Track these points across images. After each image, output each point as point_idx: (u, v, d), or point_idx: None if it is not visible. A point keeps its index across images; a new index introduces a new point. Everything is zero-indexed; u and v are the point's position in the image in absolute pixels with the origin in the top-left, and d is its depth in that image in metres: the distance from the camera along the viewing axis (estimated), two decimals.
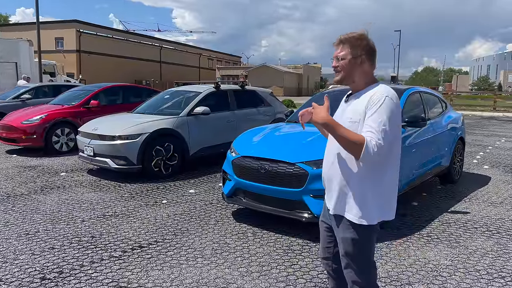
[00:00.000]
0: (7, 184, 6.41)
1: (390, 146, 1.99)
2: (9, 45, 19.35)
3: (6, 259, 3.71)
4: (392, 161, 2.10)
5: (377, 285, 2.25)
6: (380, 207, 2.10)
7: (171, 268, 3.55)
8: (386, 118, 1.96)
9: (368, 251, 2.16)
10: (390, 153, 2.05)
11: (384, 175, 2.08)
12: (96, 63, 43.82)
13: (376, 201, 2.08)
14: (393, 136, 1.99)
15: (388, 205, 2.15)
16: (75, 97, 10.01)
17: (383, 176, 2.07)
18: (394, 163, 2.12)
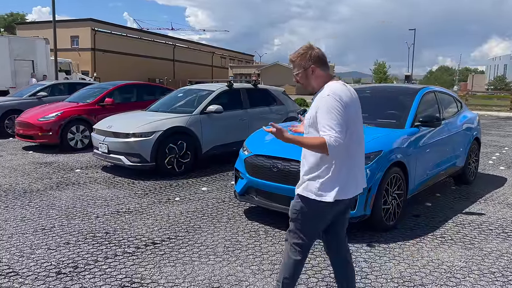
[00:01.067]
0: (23, 180, 6.54)
1: (347, 135, 2.33)
2: (26, 44, 19.67)
3: (23, 253, 3.79)
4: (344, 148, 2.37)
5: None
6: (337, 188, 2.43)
7: (183, 265, 3.58)
8: (331, 115, 2.30)
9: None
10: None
11: (331, 162, 2.41)
12: (110, 61, 44.27)
13: (324, 181, 2.42)
14: (345, 127, 2.32)
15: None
16: (90, 95, 10.14)
17: (331, 162, 2.41)
18: (346, 150, 2.39)
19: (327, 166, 2.42)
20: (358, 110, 2.53)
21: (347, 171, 2.46)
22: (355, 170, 2.52)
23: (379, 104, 5.66)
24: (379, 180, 4.14)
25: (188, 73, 53.32)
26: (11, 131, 10.99)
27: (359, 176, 2.57)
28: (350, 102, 2.41)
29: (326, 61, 2.54)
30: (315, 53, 2.50)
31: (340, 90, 2.40)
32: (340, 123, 2.30)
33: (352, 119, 2.41)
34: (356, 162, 2.53)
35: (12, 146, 9.78)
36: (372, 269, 3.53)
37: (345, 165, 2.44)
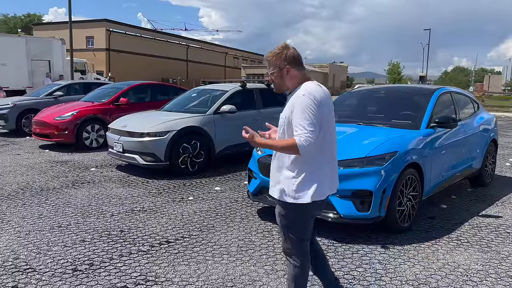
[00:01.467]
0: (40, 178, 6.64)
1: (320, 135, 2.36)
2: (43, 44, 19.99)
3: (40, 250, 3.85)
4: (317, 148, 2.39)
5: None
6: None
7: (197, 264, 3.60)
8: (305, 114, 2.32)
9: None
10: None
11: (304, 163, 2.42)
12: (124, 61, 44.69)
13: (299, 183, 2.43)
14: (318, 127, 2.34)
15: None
16: (105, 95, 10.26)
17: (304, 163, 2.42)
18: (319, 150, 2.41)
19: (301, 167, 2.43)
20: (332, 111, 2.54)
21: (322, 171, 2.48)
22: (329, 170, 2.54)
23: (394, 105, 5.61)
24: (394, 181, 4.10)
25: (201, 73, 53.53)
26: (28, 130, 11.19)
27: (334, 176, 2.60)
28: (324, 102, 2.42)
29: (301, 61, 2.56)
30: (290, 53, 2.51)
31: (315, 90, 2.42)
32: (313, 123, 2.32)
33: (326, 119, 2.43)
34: (330, 162, 2.55)
35: (29, 145, 9.96)
36: (386, 271, 3.50)
37: (319, 165, 2.46)
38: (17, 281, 3.25)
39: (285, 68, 2.49)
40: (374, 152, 4.12)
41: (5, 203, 5.28)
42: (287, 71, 2.50)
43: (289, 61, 2.50)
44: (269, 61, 2.55)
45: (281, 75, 2.52)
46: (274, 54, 2.53)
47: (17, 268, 3.48)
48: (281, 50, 2.51)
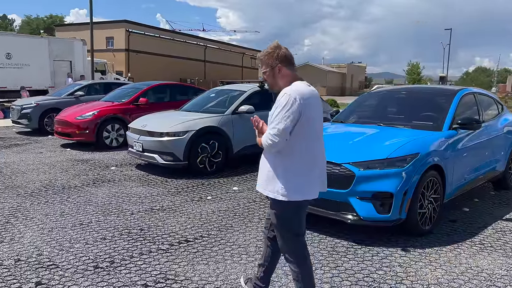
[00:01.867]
0: (62, 176, 6.78)
1: (291, 134, 2.40)
2: (65, 45, 20.40)
3: (62, 246, 3.93)
4: (296, 146, 2.46)
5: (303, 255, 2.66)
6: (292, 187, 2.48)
7: (216, 263, 3.62)
8: (282, 114, 2.38)
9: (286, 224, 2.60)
10: (295, 139, 2.44)
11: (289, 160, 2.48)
12: (143, 61, 45.21)
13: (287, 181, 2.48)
14: (290, 126, 2.38)
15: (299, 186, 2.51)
16: (124, 95, 10.40)
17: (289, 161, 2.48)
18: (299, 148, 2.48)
19: (285, 165, 2.49)
20: (319, 111, 2.59)
21: (307, 168, 2.52)
22: (316, 168, 2.58)
23: (415, 106, 5.53)
24: (415, 183, 4.04)
25: (218, 73, 53.78)
26: (50, 129, 11.42)
27: (322, 174, 2.65)
28: (309, 101, 2.46)
29: (292, 61, 2.61)
30: (282, 52, 2.57)
31: (301, 89, 2.47)
32: (288, 122, 2.38)
33: (312, 118, 2.49)
34: (316, 160, 2.59)
35: (51, 144, 10.17)
36: (407, 274, 3.44)
37: (303, 163, 2.51)
38: (41, 277, 3.32)
39: (277, 67, 2.56)
40: (395, 154, 4.06)
41: (28, 200, 5.41)
42: (278, 69, 2.56)
43: (281, 60, 2.56)
44: (262, 60, 2.62)
45: (273, 74, 2.59)
46: (267, 53, 2.59)
47: (40, 264, 3.56)
48: (273, 49, 2.58)
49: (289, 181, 2.48)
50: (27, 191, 5.84)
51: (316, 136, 2.57)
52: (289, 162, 2.49)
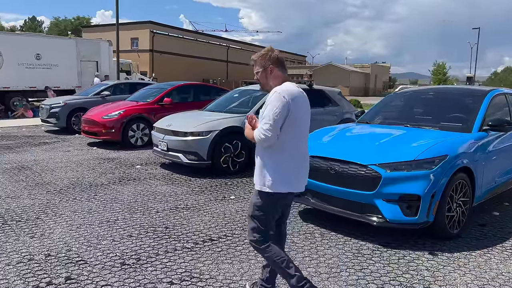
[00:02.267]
0: (89, 174, 6.93)
1: (281, 131, 2.57)
2: (91, 46, 20.83)
3: (90, 243, 4.02)
4: (286, 142, 2.63)
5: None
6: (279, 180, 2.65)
7: (240, 263, 3.63)
8: (272, 111, 2.54)
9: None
10: (284, 136, 2.60)
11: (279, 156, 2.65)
12: (167, 62, 45.83)
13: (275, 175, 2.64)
14: (279, 122, 2.55)
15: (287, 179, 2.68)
16: (149, 95, 10.56)
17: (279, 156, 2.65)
18: (288, 144, 2.65)
19: (274, 160, 2.66)
20: (306, 111, 2.75)
21: (294, 164, 2.71)
22: (303, 164, 2.78)
23: (443, 107, 5.41)
24: (443, 186, 3.95)
25: (240, 74, 53.94)
26: (77, 127, 11.70)
27: (303, 172, 2.80)
28: (296, 101, 2.63)
29: (284, 64, 2.79)
30: (275, 55, 2.74)
31: (290, 89, 2.64)
32: (278, 118, 2.54)
33: (299, 117, 2.65)
34: (302, 155, 2.76)
35: (78, 142, 10.41)
36: (435, 279, 3.37)
37: (291, 159, 2.69)
38: (70, 272, 3.40)
39: (269, 67, 2.73)
40: (423, 155, 3.98)
41: (57, 197, 5.55)
42: (270, 70, 2.73)
43: (273, 62, 2.73)
44: (255, 61, 2.78)
45: (266, 75, 2.75)
46: (260, 55, 2.77)
47: (69, 259, 3.65)
48: (267, 52, 2.76)
49: (277, 175, 2.65)
50: (56, 188, 6.00)
51: (302, 135, 2.74)
52: (279, 158, 2.66)
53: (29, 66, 18.01)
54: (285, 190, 2.69)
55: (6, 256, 3.70)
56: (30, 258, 3.65)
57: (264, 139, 2.57)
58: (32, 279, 3.28)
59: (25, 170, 7.12)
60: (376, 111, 5.78)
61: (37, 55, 18.26)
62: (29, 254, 3.75)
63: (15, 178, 6.54)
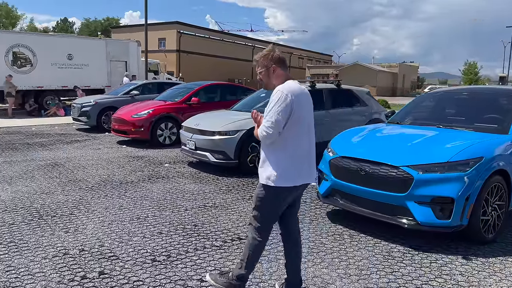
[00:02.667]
0: (119, 171, 7.09)
1: (283, 128, 2.65)
2: (121, 46, 21.28)
3: (122, 239, 4.11)
4: (289, 139, 2.71)
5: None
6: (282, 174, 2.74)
7: (269, 262, 3.63)
8: (275, 109, 2.62)
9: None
10: (287, 133, 2.69)
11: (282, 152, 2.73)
12: (193, 62, 46.34)
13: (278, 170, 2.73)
14: (283, 121, 2.64)
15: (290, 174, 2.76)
16: (177, 94, 10.71)
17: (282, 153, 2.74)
18: (291, 141, 2.73)
19: (277, 155, 2.74)
20: (308, 107, 2.84)
21: (297, 160, 2.77)
22: (304, 159, 2.83)
23: (477, 107, 5.26)
24: (478, 188, 3.84)
25: None
26: (107, 126, 11.98)
27: (311, 165, 2.89)
28: (299, 99, 2.70)
29: (286, 63, 2.87)
30: (276, 54, 2.82)
31: (292, 87, 2.71)
32: (280, 116, 2.62)
33: (302, 115, 2.73)
34: (305, 151, 2.82)
35: (108, 140, 10.66)
36: (469, 284, 3.28)
37: (294, 155, 2.75)
38: (103, 267, 3.49)
39: (271, 67, 2.80)
40: (457, 157, 3.88)
41: (89, 193, 5.70)
42: (273, 70, 2.81)
43: (275, 62, 2.81)
44: (258, 61, 2.86)
45: (268, 74, 2.83)
46: (263, 55, 2.84)
47: (102, 255, 3.74)
48: (269, 52, 2.83)
49: (280, 170, 2.73)
50: (87, 185, 6.16)
51: (305, 132, 2.80)
52: (282, 154, 2.74)
53: (61, 66, 18.57)
54: (287, 184, 2.76)
55: (43, 250, 3.83)
56: (65, 253, 3.77)
57: (266, 136, 2.66)
58: (67, 273, 3.38)
59: (58, 167, 7.34)
60: (407, 112, 5.67)
61: (69, 55, 18.79)
62: (64, 248, 3.86)
63: (49, 175, 6.75)
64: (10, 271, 3.40)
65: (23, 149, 9.13)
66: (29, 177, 6.60)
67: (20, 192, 5.73)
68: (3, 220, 4.60)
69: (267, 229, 2.92)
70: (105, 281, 3.25)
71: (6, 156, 8.34)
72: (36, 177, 6.61)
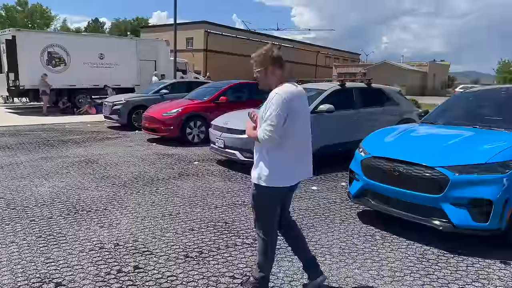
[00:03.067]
0: (150, 169, 7.22)
1: (283, 130, 2.67)
2: (150, 45, 21.66)
3: (154, 234, 4.19)
4: (284, 140, 2.71)
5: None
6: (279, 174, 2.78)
7: (300, 262, 3.61)
8: (274, 112, 2.64)
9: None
10: (284, 137, 2.70)
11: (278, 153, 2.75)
12: (219, 61, 46.63)
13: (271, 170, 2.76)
14: (282, 123, 2.65)
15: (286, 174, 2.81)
16: (206, 93, 10.81)
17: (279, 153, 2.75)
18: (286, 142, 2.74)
19: (271, 156, 2.75)
20: (304, 110, 2.86)
21: (291, 160, 2.79)
22: (299, 159, 2.85)
23: None
24: None
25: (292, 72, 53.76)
26: (137, 124, 12.21)
27: (307, 163, 2.95)
28: (296, 101, 2.73)
29: (283, 63, 2.84)
30: (275, 54, 2.81)
31: (290, 90, 2.73)
32: (279, 119, 2.64)
33: (297, 116, 2.74)
34: (300, 151, 2.85)
35: (138, 138, 10.88)
36: None
37: (290, 156, 2.78)
38: (138, 262, 3.57)
39: (269, 67, 2.79)
40: (496, 158, 3.76)
41: (122, 190, 5.84)
42: (271, 70, 2.80)
43: (272, 62, 2.79)
44: (256, 60, 2.84)
45: (265, 73, 2.82)
46: (260, 54, 2.82)
47: (136, 249, 3.82)
48: (267, 51, 2.82)
49: (273, 171, 2.75)
50: (120, 181, 6.31)
51: (301, 133, 2.83)
52: (278, 155, 2.75)
53: (93, 65, 19.05)
54: (280, 184, 2.79)
55: (79, 243, 3.95)
56: (101, 247, 3.87)
57: (268, 140, 2.67)
58: (104, 266, 3.48)
59: (92, 164, 7.55)
60: (442, 111, 5.53)
61: (100, 55, 19.27)
62: (99, 242, 3.97)
63: (83, 171, 6.96)
64: (50, 263, 3.53)
65: (58, 146, 9.44)
66: (64, 172, 6.82)
67: (56, 187, 5.92)
68: (42, 214, 4.77)
69: (270, 227, 2.93)
70: (140, 275, 3.33)
71: (42, 152, 8.64)
72: (71, 173, 6.82)
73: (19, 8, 68.97)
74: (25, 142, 9.88)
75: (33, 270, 3.40)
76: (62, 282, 3.21)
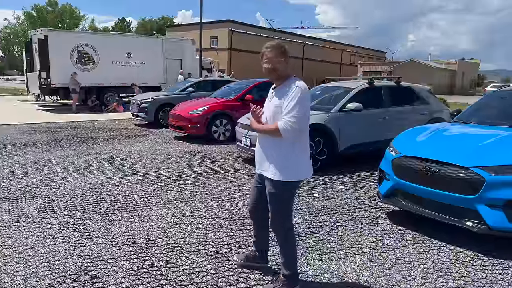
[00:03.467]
0: (178, 166, 7.32)
1: (305, 124, 2.83)
2: (176, 44, 21.94)
3: (184, 230, 4.25)
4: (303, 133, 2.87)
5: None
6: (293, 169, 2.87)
7: (330, 261, 3.61)
8: (298, 104, 2.74)
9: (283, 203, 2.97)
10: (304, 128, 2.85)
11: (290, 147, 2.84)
12: (244, 59, 46.76)
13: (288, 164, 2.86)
14: (307, 115, 2.83)
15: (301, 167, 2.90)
16: (231, 92, 10.87)
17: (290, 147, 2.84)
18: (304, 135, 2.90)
19: (290, 150, 2.84)
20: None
21: (304, 154, 2.93)
22: (308, 153, 2.98)
23: None
24: None
25: (316, 71, 53.36)
26: (164, 122, 12.39)
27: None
28: (308, 96, 2.88)
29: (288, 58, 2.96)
30: (284, 49, 2.93)
31: (305, 85, 2.86)
32: (304, 110, 2.77)
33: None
34: (307, 146, 2.98)
35: (165, 136, 11.04)
36: None
37: (304, 148, 2.92)
38: (169, 257, 3.63)
39: (283, 60, 2.91)
40: None
41: (151, 186, 5.94)
42: (284, 63, 2.92)
43: (284, 56, 2.92)
44: (266, 55, 2.92)
45: (286, 65, 2.92)
46: (280, 46, 2.94)
47: (167, 245, 3.89)
48: (282, 45, 2.96)
49: (292, 164, 2.84)
50: (149, 178, 6.42)
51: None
52: (290, 149, 2.83)
53: (120, 64, 19.46)
54: (295, 178, 2.89)
55: (112, 237, 4.04)
56: (133, 241, 3.96)
57: (290, 131, 2.74)
58: (136, 261, 3.55)
59: (121, 160, 7.71)
60: (475, 110, 5.39)
61: (128, 53, 19.65)
62: (131, 237, 4.06)
63: (113, 167, 7.11)
64: (85, 256, 3.63)
65: (88, 143, 9.68)
66: (95, 169, 6.99)
67: (88, 182, 6.08)
68: (75, 208, 4.91)
69: (291, 223, 3.05)
70: (172, 270, 3.39)
71: (73, 149, 8.88)
72: (101, 169, 6.99)
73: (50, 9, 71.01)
74: (57, 139, 10.18)
75: (69, 262, 3.51)
76: (97, 275, 3.30)
